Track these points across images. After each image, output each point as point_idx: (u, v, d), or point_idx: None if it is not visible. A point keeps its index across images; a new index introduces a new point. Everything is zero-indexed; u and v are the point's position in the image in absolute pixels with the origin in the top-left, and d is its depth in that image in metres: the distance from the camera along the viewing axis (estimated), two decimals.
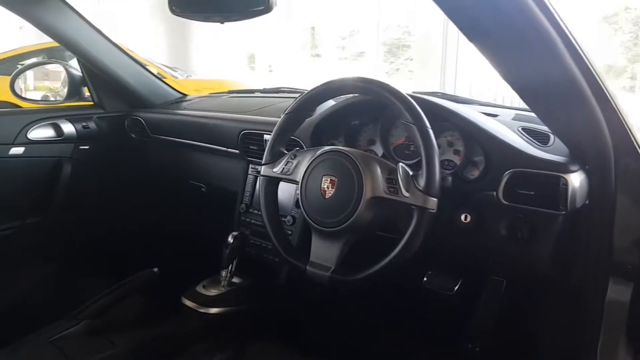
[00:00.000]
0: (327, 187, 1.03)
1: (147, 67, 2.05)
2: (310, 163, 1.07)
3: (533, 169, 0.99)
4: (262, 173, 1.18)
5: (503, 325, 1.31)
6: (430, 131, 0.95)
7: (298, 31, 9.15)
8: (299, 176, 1.09)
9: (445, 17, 0.69)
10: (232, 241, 1.41)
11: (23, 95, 2.05)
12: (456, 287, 1.24)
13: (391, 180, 0.97)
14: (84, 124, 1.86)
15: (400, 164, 0.97)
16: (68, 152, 1.82)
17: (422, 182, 0.93)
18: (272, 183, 1.18)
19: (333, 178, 1.02)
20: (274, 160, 1.17)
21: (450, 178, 1.02)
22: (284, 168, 1.13)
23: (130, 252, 1.65)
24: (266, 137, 1.50)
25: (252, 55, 9.70)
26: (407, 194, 0.94)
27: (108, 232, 1.84)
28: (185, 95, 2.17)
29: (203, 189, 1.84)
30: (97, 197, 1.90)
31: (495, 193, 1.04)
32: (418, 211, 0.93)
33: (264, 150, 1.52)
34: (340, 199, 1.01)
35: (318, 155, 1.07)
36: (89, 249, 1.74)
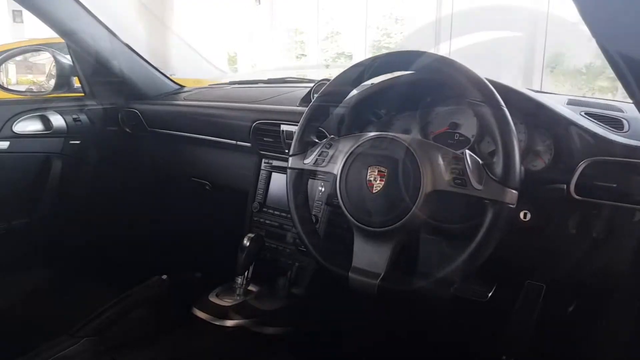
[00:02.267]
0: (375, 180, 0.88)
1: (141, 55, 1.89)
2: (352, 152, 0.92)
3: (616, 157, 0.86)
4: (290, 165, 1.03)
5: (542, 335, 1.19)
6: (507, 111, 0.81)
7: (280, 32, 9.07)
8: (336, 168, 0.94)
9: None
10: (248, 244, 1.25)
11: (6, 87, 1.87)
12: (490, 294, 1.10)
13: (457, 170, 0.82)
14: (75, 116, 1.70)
15: (467, 151, 0.83)
16: (58, 148, 1.65)
17: (498, 171, 0.79)
18: (302, 177, 1.02)
19: (382, 169, 0.88)
20: (303, 150, 1.02)
21: (522, 168, 0.88)
22: (317, 159, 0.98)
23: (132, 257, 1.49)
24: (283, 127, 1.35)
25: (233, 56, 9.55)
26: (479, 186, 0.79)
27: (105, 236, 1.67)
28: (182, 86, 2.01)
29: (208, 187, 1.69)
30: (90, 197, 1.73)
31: (565, 186, 0.90)
32: (494, 206, 0.79)
33: (280, 142, 1.38)
34: (391, 194, 0.86)
35: (361, 143, 0.92)
36: (85, 255, 1.57)
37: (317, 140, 1.03)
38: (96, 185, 1.77)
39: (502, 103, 0.81)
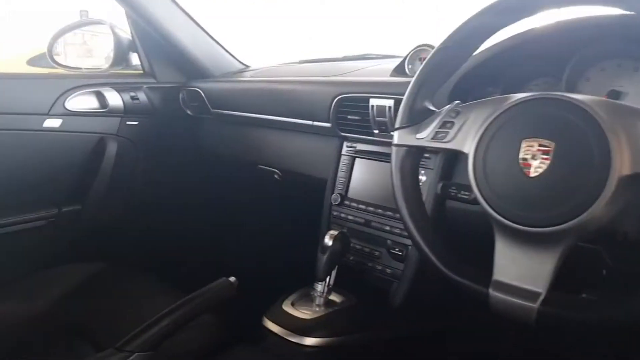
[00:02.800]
0: (534, 159, 0.61)
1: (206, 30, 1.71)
2: (494, 121, 0.66)
3: None
4: (396, 142, 0.78)
5: None
6: None
7: (280, 31, 8.93)
8: (467, 144, 0.69)
9: None
10: (331, 243, 1.02)
11: (63, 63, 1.72)
12: None
13: None
14: (132, 94, 1.53)
15: None
16: (113, 128, 1.49)
17: None
18: (413, 157, 0.77)
19: (546, 143, 0.61)
20: (416, 121, 0.77)
21: None
22: (437, 131, 0.73)
23: (192, 256, 1.29)
24: (373, 101, 1.11)
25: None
26: None
27: (161, 229, 1.49)
28: (247, 66, 1.82)
29: (277, 176, 1.47)
30: (146, 185, 1.55)
31: None
32: None
33: (368, 120, 1.14)
34: (561, 179, 0.59)
35: (509, 107, 0.66)
36: (137, 251, 1.39)
37: (433, 108, 0.77)
38: (154, 172, 1.60)
39: None
